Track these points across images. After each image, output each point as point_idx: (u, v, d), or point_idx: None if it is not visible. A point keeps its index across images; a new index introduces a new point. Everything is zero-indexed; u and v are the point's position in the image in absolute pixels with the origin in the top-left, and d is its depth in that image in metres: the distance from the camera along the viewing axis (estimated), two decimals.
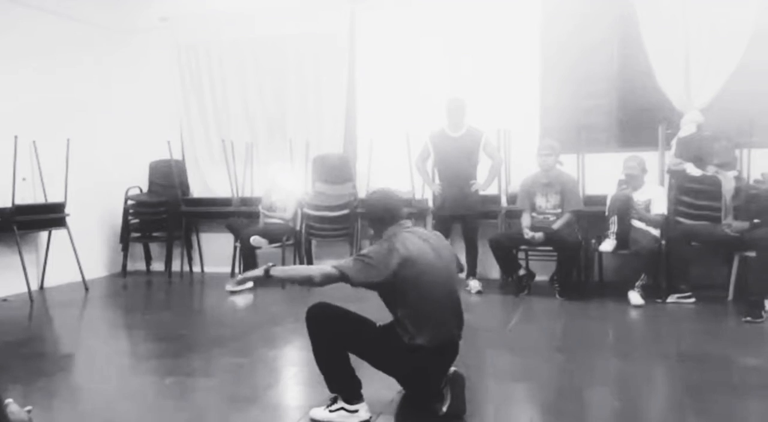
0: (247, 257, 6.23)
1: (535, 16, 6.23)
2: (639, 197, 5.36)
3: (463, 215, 5.90)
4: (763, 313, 4.60)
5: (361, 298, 5.78)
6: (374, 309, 3.05)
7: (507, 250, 5.60)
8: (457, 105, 5.83)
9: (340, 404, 2.91)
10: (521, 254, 5.81)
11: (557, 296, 5.44)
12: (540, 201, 5.65)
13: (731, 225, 5.03)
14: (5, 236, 5.77)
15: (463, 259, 6.10)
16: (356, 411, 2.90)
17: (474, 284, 5.84)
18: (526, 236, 5.43)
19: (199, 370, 3.75)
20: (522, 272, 5.65)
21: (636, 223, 5.33)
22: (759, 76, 5.54)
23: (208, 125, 7.25)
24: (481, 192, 5.90)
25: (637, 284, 5.15)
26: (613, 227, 5.30)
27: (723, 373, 3.48)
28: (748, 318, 4.58)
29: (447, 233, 6.06)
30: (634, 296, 5.11)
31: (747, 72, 5.51)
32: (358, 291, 2.89)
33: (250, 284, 6.14)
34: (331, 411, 2.92)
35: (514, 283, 5.65)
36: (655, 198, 5.36)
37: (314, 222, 6.56)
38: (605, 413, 3.02)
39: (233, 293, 5.97)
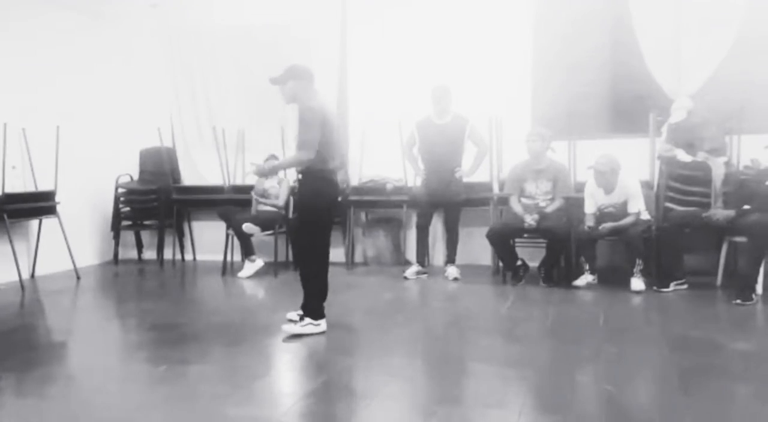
0: (245, 242, 6.25)
1: (528, 3, 6.21)
2: (613, 200, 5.32)
3: (446, 203, 5.92)
4: (753, 296, 4.67)
5: (358, 285, 5.80)
6: (369, 294, 3.06)
7: (505, 241, 5.61)
8: (442, 93, 5.84)
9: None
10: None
11: (542, 283, 5.48)
12: (530, 187, 5.67)
13: (716, 214, 5.04)
14: None
15: (443, 245, 6.21)
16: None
17: (452, 271, 5.87)
18: (526, 221, 5.39)
19: (193, 358, 3.75)
20: (518, 262, 5.66)
21: None
22: (749, 61, 5.56)
23: (198, 112, 7.22)
24: (465, 179, 5.91)
25: (635, 270, 5.19)
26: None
27: (715, 357, 3.52)
28: (739, 301, 4.64)
29: (428, 220, 6.08)
30: (636, 282, 5.15)
31: (737, 58, 5.53)
32: (353, 279, 2.90)
33: (260, 263, 6.18)
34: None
35: (512, 274, 5.66)
36: (630, 197, 5.28)
37: None
38: (597, 396, 3.04)
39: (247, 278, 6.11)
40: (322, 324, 4.10)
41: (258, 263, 6.23)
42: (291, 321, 4.21)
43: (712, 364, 3.40)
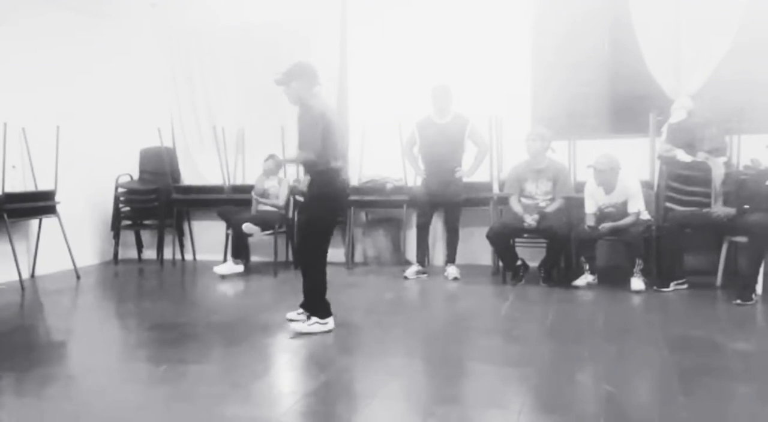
0: (238, 243, 6.24)
1: (528, 3, 6.21)
2: (613, 199, 5.32)
3: (446, 203, 5.92)
4: (753, 296, 4.67)
5: (358, 285, 5.79)
6: (370, 293, 3.05)
7: (505, 241, 5.60)
8: (442, 92, 5.84)
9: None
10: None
11: (542, 282, 5.47)
12: (530, 187, 5.66)
13: (717, 211, 5.05)
14: None
15: (443, 245, 6.21)
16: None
17: (451, 271, 5.87)
18: (526, 221, 5.39)
19: (193, 358, 3.76)
20: (518, 262, 5.66)
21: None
22: (749, 61, 5.56)
23: (198, 112, 7.21)
24: (465, 179, 5.91)
25: (635, 270, 5.18)
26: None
27: (715, 357, 3.52)
28: (739, 301, 4.64)
29: (428, 220, 6.08)
30: (636, 282, 5.15)
31: (737, 58, 5.53)
32: (353, 279, 2.89)
33: (240, 268, 6.18)
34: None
35: (512, 273, 5.65)
36: (630, 197, 5.28)
37: None
38: (597, 396, 3.05)
39: (223, 277, 6.04)
40: (330, 323, 4.11)
41: (239, 267, 6.22)
42: (291, 320, 4.22)
43: (712, 364, 3.40)
